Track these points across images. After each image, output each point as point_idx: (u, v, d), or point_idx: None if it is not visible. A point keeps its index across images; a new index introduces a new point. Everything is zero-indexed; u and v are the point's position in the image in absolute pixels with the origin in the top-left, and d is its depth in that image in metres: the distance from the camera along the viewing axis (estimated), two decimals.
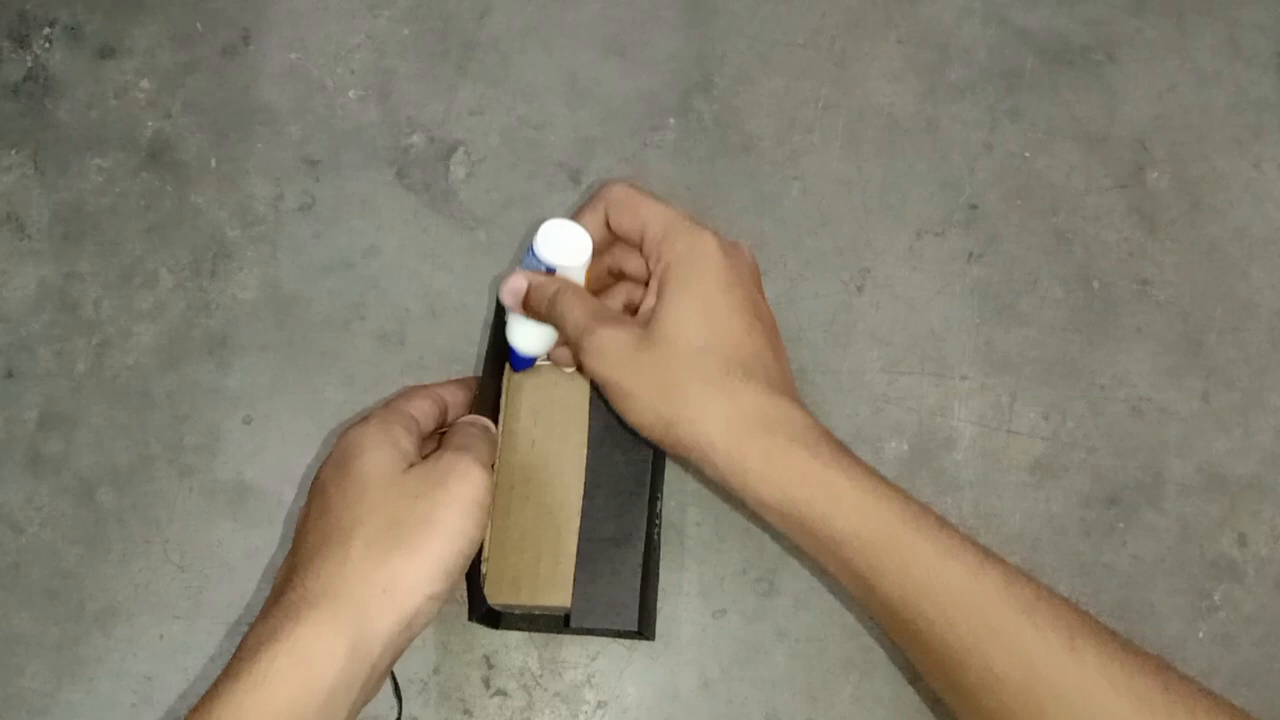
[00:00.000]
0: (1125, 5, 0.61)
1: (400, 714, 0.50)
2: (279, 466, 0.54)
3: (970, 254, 0.57)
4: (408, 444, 0.42)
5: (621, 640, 0.51)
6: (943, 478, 0.54)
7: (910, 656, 0.42)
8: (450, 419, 0.47)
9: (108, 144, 0.60)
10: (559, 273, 0.45)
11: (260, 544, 0.53)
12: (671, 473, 0.53)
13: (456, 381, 0.48)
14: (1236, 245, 0.57)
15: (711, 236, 0.44)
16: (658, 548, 0.50)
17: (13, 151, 0.60)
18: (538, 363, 0.50)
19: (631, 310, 0.47)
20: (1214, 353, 0.56)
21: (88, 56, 0.62)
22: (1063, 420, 0.55)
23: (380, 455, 0.41)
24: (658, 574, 0.51)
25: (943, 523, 0.40)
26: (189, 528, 0.54)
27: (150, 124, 0.60)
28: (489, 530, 0.47)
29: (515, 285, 0.45)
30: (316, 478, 0.42)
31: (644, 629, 0.47)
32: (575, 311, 0.43)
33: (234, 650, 0.37)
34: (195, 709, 0.36)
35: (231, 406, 0.55)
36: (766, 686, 0.51)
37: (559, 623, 0.49)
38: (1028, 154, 0.59)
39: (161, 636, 0.52)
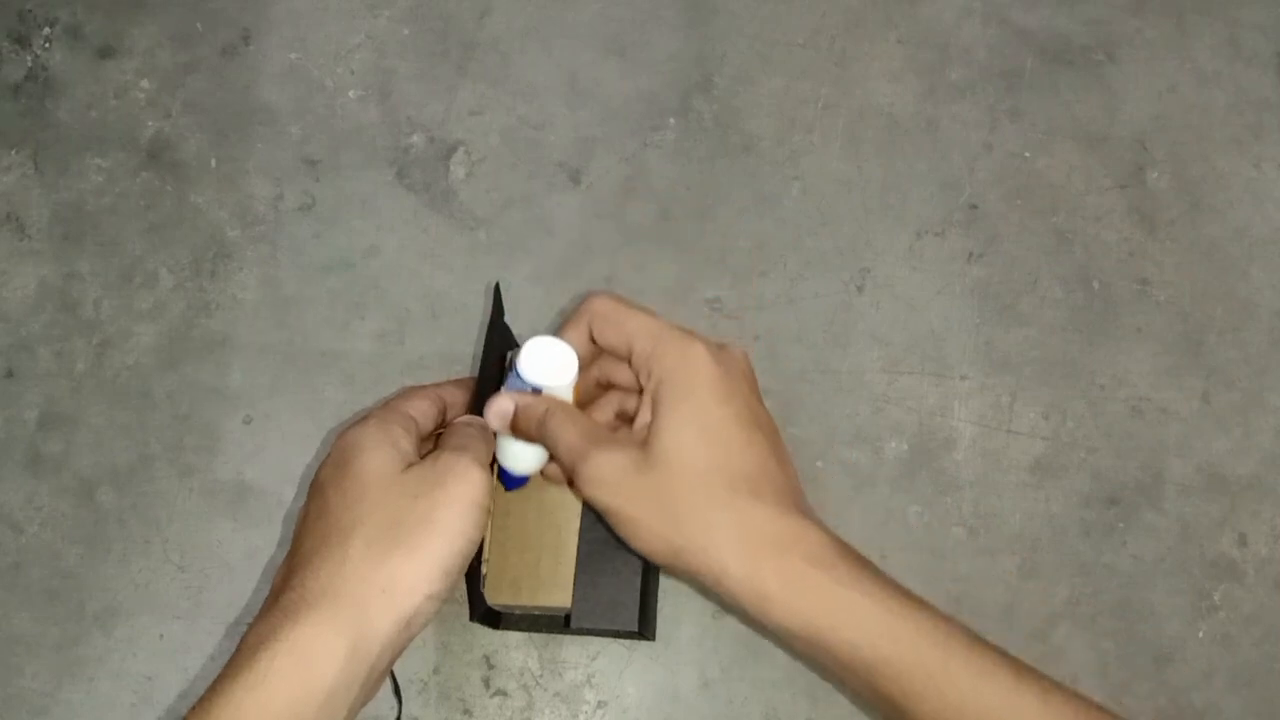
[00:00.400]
0: (1125, 5, 0.61)
1: (400, 714, 0.50)
2: (279, 466, 0.54)
3: (970, 254, 0.57)
4: (407, 444, 0.42)
5: (621, 640, 0.51)
6: (943, 478, 0.54)
7: None
8: (449, 419, 0.47)
9: (108, 144, 0.60)
10: (546, 391, 0.43)
11: (260, 544, 0.53)
12: None
13: (455, 381, 0.48)
14: (1236, 245, 0.57)
15: (701, 347, 0.42)
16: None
17: (13, 151, 0.60)
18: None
19: (625, 419, 0.46)
20: (1214, 353, 0.56)
21: (88, 56, 0.62)
22: (1063, 420, 0.55)
23: (379, 455, 0.41)
24: (658, 574, 0.51)
25: (973, 640, 0.38)
26: (189, 528, 0.54)
27: (150, 124, 0.60)
28: (489, 531, 0.47)
29: (502, 408, 0.43)
30: (315, 478, 0.42)
31: (644, 629, 0.47)
32: (568, 434, 0.42)
33: (233, 650, 0.37)
34: (195, 708, 0.36)
35: (231, 406, 0.55)
36: (766, 686, 0.51)
37: (560, 623, 0.49)
38: (1028, 154, 0.59)
39: (161, 636, 0.52)
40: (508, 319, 0.50)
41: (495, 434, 0.44)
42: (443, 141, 0.60)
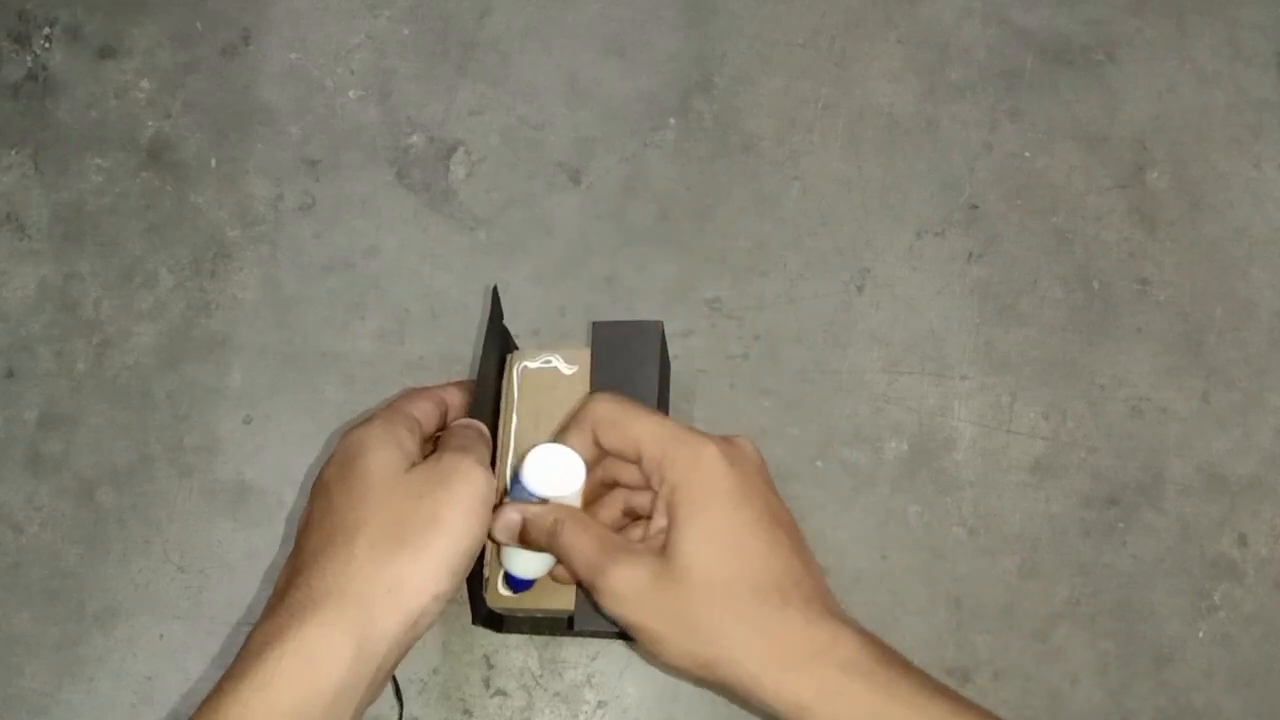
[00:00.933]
0: (1125, 5, 0.61)
1: (401, 714, 0.50)
2: (279, 466, 0.54)
3: (970, 254, 0.57)
4: (411, 444, 0.42)
5: (622, 640, 0.51)
6: (943, 478, 0.54)
7: None
8: (450, 421, 0.47)
9: (108, 144, 0.60)
10: (553, 500, 0.42)
11: (260, 544, 0.53)
12: None
13: (456, 383, 0.48)
14: (1236, 245, 0.57)
15: (714, 449, 0.41)
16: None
17: (13, 151, 0.60)
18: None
19: (632, 516, 0.45)
20: (1214, 353, 0.56)
21: (88, 56, 0.62)
22: (1063, 420, 0.55)
23: (384, 455, 0.41)
24: None
25: None
26: (189, 528, 0.54)
27: (150, 124, 0.60)
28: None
29: (509, 520, 0.42)
30: (319, 477, 0.42)
31: None
32: (582, 546, 0.41)
33: (235, 650, 0.37)
34: (200, 709, 0.36)
35: (231, 406, 0.55)
36: None
37: (562, 625, 0.49)
38: (1028, 154, 0.59)
39: (161, 636, 0.52)
40: (505, 322, 0.50)
41: (501, 544, 0.44)
42: (443, 141, 0.60)
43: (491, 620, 0.48)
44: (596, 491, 0.45)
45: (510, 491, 0.44)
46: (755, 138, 0.59)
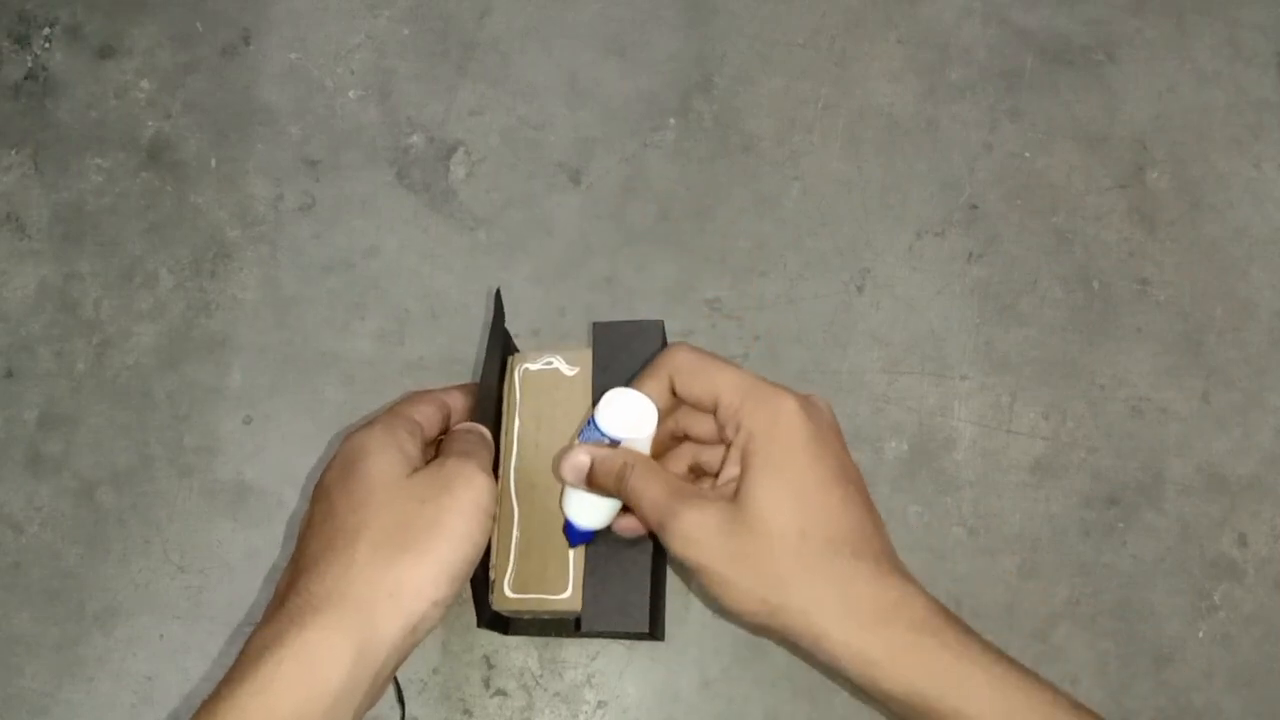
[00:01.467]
0: (1125, 5, 0.61)
1: (403, 716, 0.50)
2: (279, 466, 0.54)
3: (970, 254, 0.57)
4: (412, 448, 0.42)
5: (622, 640, 0.51)
6: (943, 478, 0.54)
7: None
8: (452, 424, 0.47)
9: (108, 144, 0.60)
10: (623, 444, 0.42)
11: (260, 544, 0.53)
12: None
13: (459, 387, 0.48)
14: (1236, 245, 0.57)
15: (793, 402, 0.41)
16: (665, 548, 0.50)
17: (13, 151, 0.60)
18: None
19: (698, 473, 0.45)
20: (1214, 353, 0.56)
21: (88, 56, 0.62)
22: (1063, 420, 0.55)
23: (385, 459, 0.41)
24: (665, 574, 0.51)
25: (1077, 708, 0.38)
26: (189, 528, 0.54)
27: (150, 124, 0.60)
28: (495, 536, 0.47)
29: (578, 461, 0.42)
30: (320, 481, 0.42)
31: (655, 630, 0.47)
32: (652, 490, 0.41)
33: (235, 652, 0.37)
34: (199, 712, 0.36)
35: (231, 406, 0.55)
36: (766, 686, 0.51)
37: (569, 626, 0.49)
38: (1028, 154, 0.59)
39: (161, 637, 0.52)
40: (505, 323, 0.50)
41: (563, 486, 0.44)
42: (443, 141, 0.60)
43: (497, 623, 0.48)
44: (665, 444, 0.45)
45: (581, 434, 0.43)
46: (755, 138, 0.59)
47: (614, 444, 0.42)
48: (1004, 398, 0.55)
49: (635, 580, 0.46)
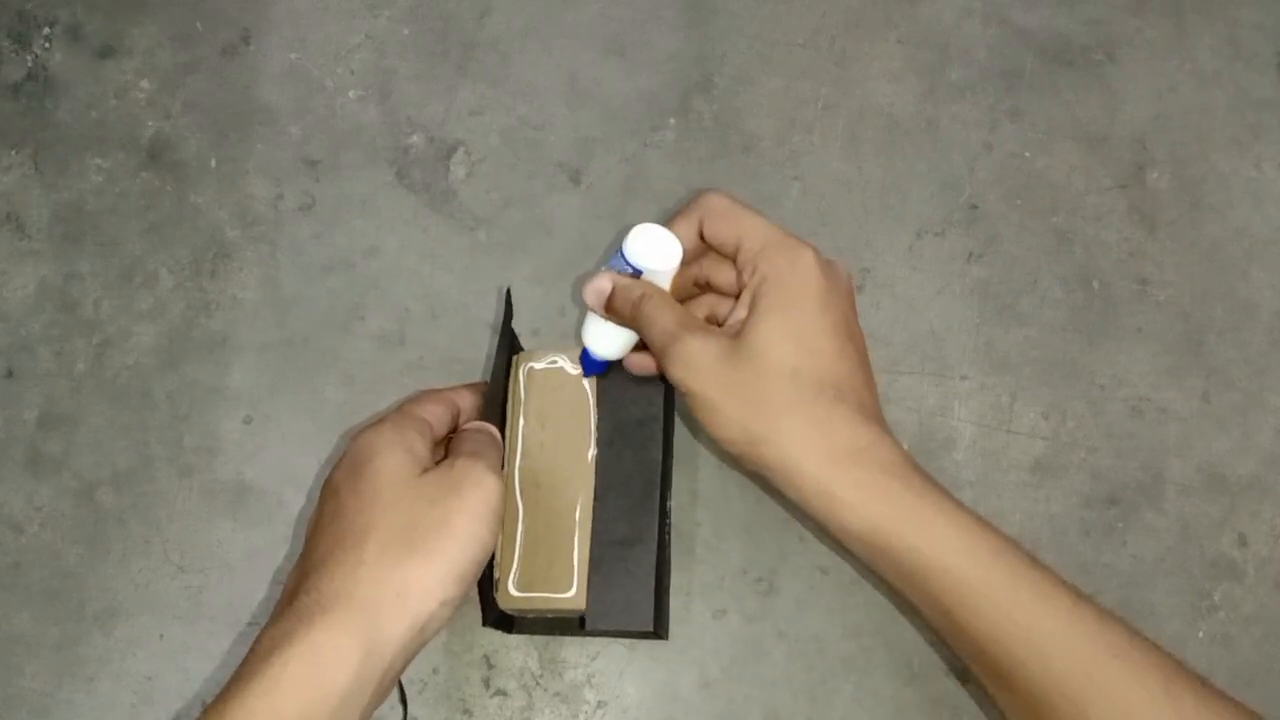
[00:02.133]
0: (1125, 5, 0.61)
1: (405, 717, 0.50)
2: (279, 466, 0.54)
3: (970, 254, 0.57)
4: (421, 448, 0.42)
5: (622, 640, 0.51)
6: (943, 478, 0.53)
7: (995, 696, 0.41)
8: (461, 423, 0.47)
9: (108, 144, 0.60)
10: (645, 276, 0.44)
11: (260, 544, 0.53)
12: (674, 472, 0.52)
13: (467, 386, 0.48)
14: (1236, 245, 0.57)
15: (811, 254, 0.43)
16: (669, 546, 0.50)
17: (13, 151, 0.60)
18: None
19: (715, 323, 0.47)
20: (1214, 353, 0.56)
21: (88, 56, 0.62)
22: (1063, 420, 0.55)
23: (394, 458, 0.41)
24: (669, 573, 0.51)
25: (1034, 562, 0.39)
26: (189, 528, 0.54)
27: (150, 124, 0.60)
28: (500, 535, 0.47)
29: (600, 285, 0.44)
30: (329, 480, 0.42)
31: (659, 629, 0.47)
32: (663, 317, 0.42)
33: (237, 652, 0.37)
34: (206, 712, 0.36)
35: (231, 406, 0.55)
36: (766, 686, 0.51)
37: (574, 625, 0.49)
38: (1028, 154, 0.59)
39: (161, 636, 0.52)
40: (515, 325, 0.50)
41: (586, 312, 0.45)
42: (443, 141, 0.60)
43: (502, 622, 0.48)
44: (687, 290, 0.47)
45: (608, 262, 0.45)
46: (755, 138, 0.59)
47: (636, 274, 0.44)
48: (1004, 398, 0.55)
49: (639, 579, 0.46)
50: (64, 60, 0.62)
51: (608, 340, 0.46)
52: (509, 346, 0.49)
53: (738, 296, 0.44)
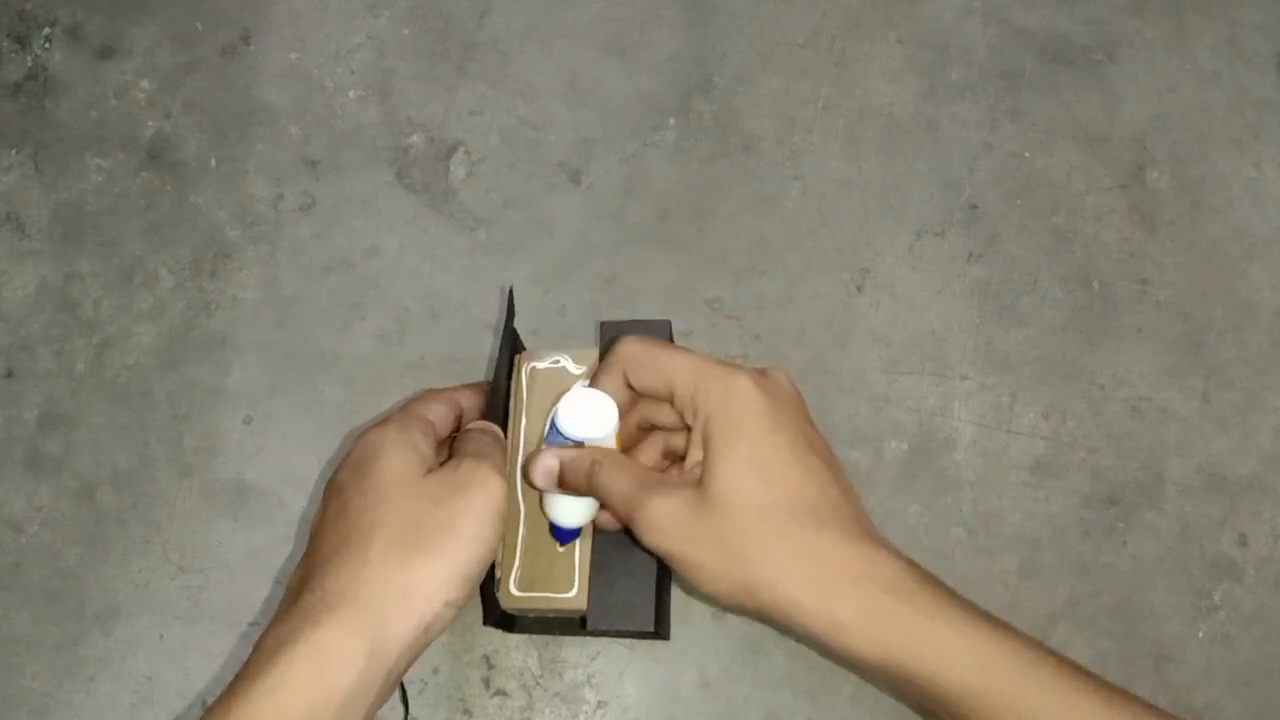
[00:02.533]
0: (1125, 5, 0.61)
1: (406, 717, 0.50)
2: (279, 466, 0.54)
3: (970, 254, 0.57)
4: (425, 448, 0.42)
5: (622, 640, 0.51)
6: (943, 478, 0.54)
7: None
8: (465, 423, 0.47)
9: (108, 144, 0.60)
10: (588, 444, 0.43)
11: (260, 544, 0.53)
12: None
13: (471, 386, 0.48)
14: (1236, 245, 0.57)
15: (745, 378, 0.41)
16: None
17: (13, 151, 0.60)
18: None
19: (672, 458, 0.45)
20: (1214, 353, 0.56)
21: (88, 56, 0.62)
22: (1063, 420, 0.55)
23: (400, 458, 0.40)
24: (670, 571, 0.51)
25: (1061, 666, 0.37)
26: (189, 528, 0.54)
27: (150, 124, 0.60)
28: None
29: (547, 465, 0.43)
30: (333, 479, 0.42)
31: (660, 629, 0.47)
32: (619, 484, 0.41)
33: (237, 652, 0.37)
34: (210, 710, 0.36)
35: (231, 406, 0.55)
36: (766, 686, 0.51)
37: (574, 625, 0.49)
38: (1028, 154, 0.59)
39: (161, 636, 0.52)
40: (515, 325, 0.50)
41: (543, 493, 0.44)
42: (443, 141, 0.60)
43: (503, 621, 0.48)
44: (635, 436, 0.45)
45: (546, 437, 0.44)
46: (755, 138, 0.59)
47: (579, 445, 0.43)
48: (1004, 398, 0.55)
49: (641, 579, 0.46)
50: (64, 60, 0.62)
51: (572, 511, 0.44)
52: (511, 346, 0.49)
53: (687, 429, 0.43)
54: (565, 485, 0.43)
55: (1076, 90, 0.60)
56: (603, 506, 0.44)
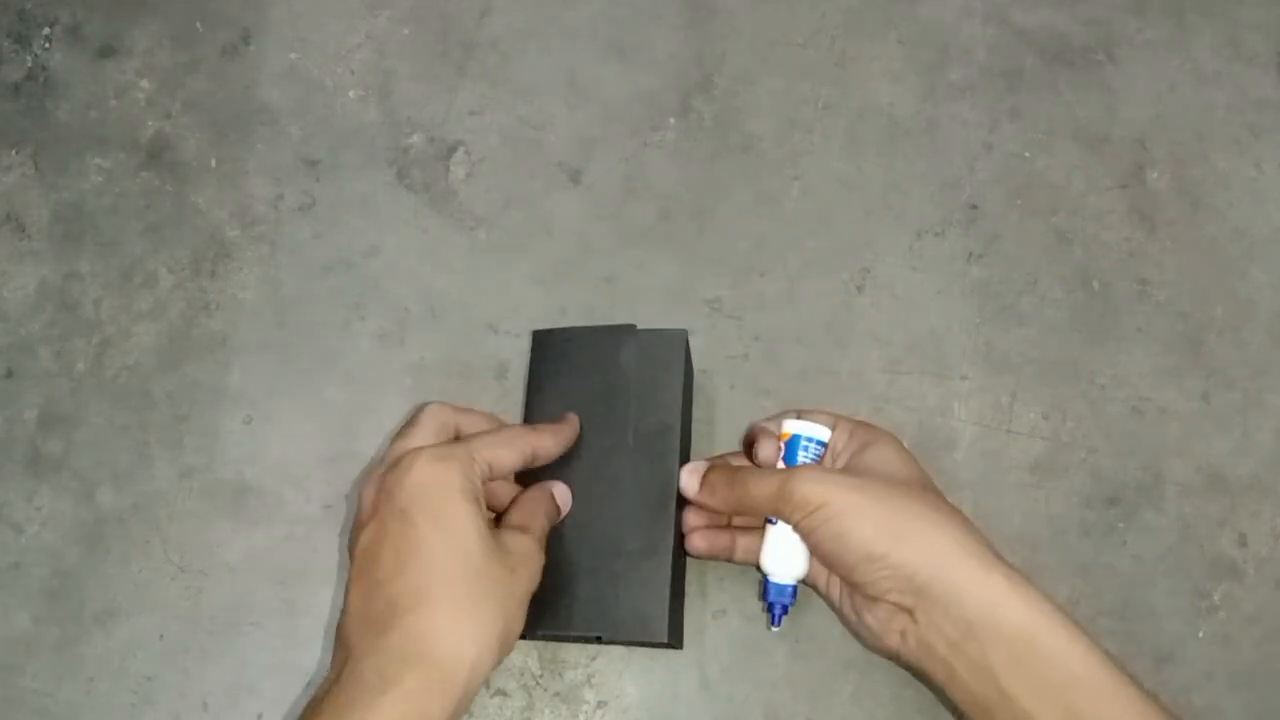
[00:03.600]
0: (1125, 5, 0.61)
1: None
2: (279, 466, 0.54)
3: (970, 254, 0.57)
4: (482, 496, 0.43)
5: (640, 648, 0.51)
6: (943, 478, 0.54)
7: None
8: (537, 463, 0.47)
9: (108, 144, 0.60)
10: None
11: (260, 544, 0.53)
12: None
13: (553, 430, 0.48)
14: (1236, 245, 0.57)
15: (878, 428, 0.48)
16: (683, 556, 0.50)
17: (13, 151, 0.60)
18: None
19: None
20: (1214, 353, 0.56)
21: (88, 56, 0.62)
22: (1063, 420, 0.55)
23: (469, 509, 0.41)
24: (683, 582, 0.50)
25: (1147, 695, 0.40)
26: (189, 528, 0.54)
27: (150, 124, 0.60)
28: None
29: (693, 467, 0.47)
30: (393, 495, 0.41)
31: (673, 640, 0.47)
32: (766, 478, 0.45)
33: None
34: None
35: (231, 406, 0.55)
36: (766, 686, 0.51)
37: (590, 636, 0.48)
38: (1028, 154, 0.59)
39: (161, 637, 0.52)
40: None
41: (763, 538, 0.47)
42: (443, 141, 0.60)
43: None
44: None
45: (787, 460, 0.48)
46: (755, 138, 0.59)
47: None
48: (1004, 398, 0.55)
49: (655, 590, 0.46)
50: (64, 60, 0.62)
51: (786, 561, 0.46)
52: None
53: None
54: (709, 481, 0.46)
55: (1076, 90, 0.60)
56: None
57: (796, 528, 0.44)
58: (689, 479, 0.47)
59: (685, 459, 0.50)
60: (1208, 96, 0.60)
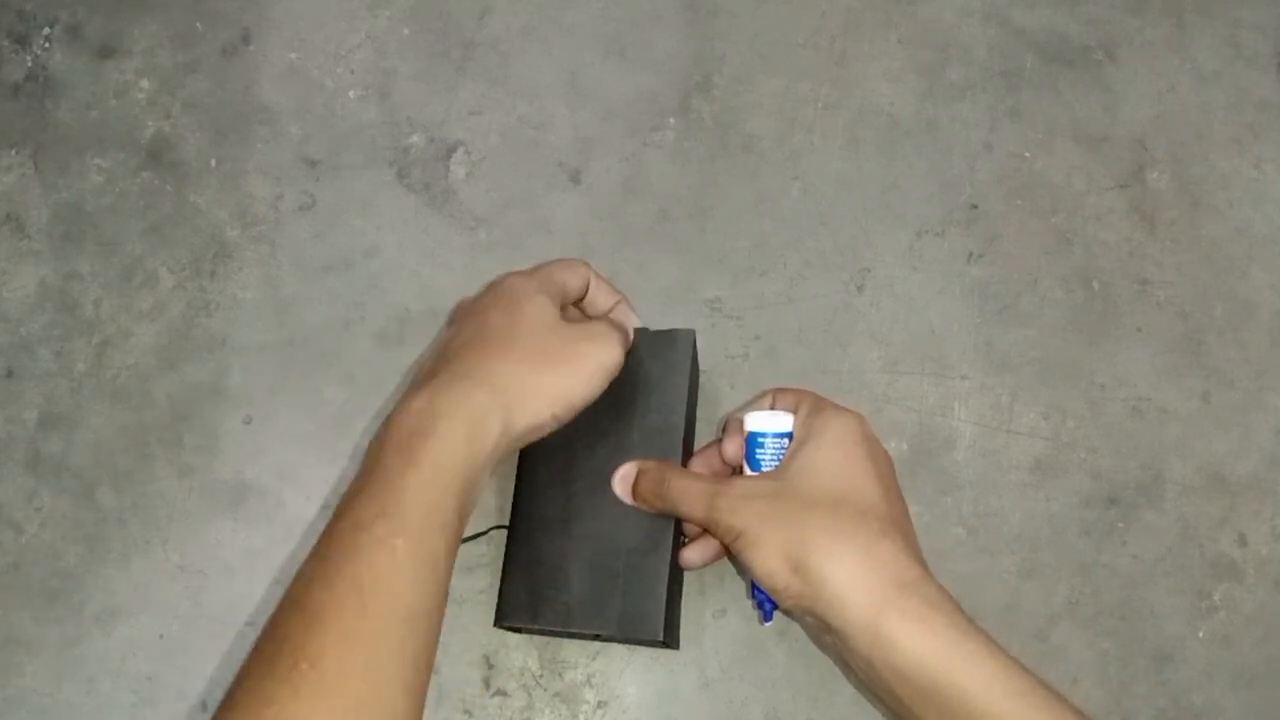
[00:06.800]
0: (1125, 5, 0.61)
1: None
2: (279, 466, 0.54)
3: (970, 254, 0.57)
4: (558, 304, 0.46)
5: (636, 647, 0.51)
6: (943, 478, 0.54)
7: None
8: (588, 300, 0.50)
9: (108, 144, 0.60)
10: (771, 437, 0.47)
11: (260, 544, 0.53)
12: None
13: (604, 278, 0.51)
14: (1236, 245, 0.57)
15: (838, 408, 0.46)
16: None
17: (13, 151, 0.60)
18: None
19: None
20: (1214, 353, 0.56)
21: (88, 56, 0.62)
22: (1063, 420, 0.55)
23: (544, 301, 0.45)
24: (681, 582, 0.51)
25: (1078, 714, 0.39)
26: (189, 528, 0.54)
27: (150, 124, 0.60)
28: (508, 551, 0.48)
29: (624, 472, 0.48)
30: (471, 306, 0.47)
31: (669, 639, 0.47)
32: (694, 484, 0.45)
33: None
34: (389, 453, 0.40)
35: (231, 406, 0.55)
36: (766, 686, 0.51)
37: (586, 633, 0.49)
38: (1028, 154, 0.59)
39: (161, 637, 0.52)
40: None
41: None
42: (443, 141, 0.60)
43: (514, 625, 0.49)
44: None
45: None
46: (755, 138, 0.59)
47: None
48: (1004, 398, 0.55)
49: (652, 589, 0.46)
50: (64, 60, 0.62)
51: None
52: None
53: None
54: (638, 493, 0.47)
55: (1076, 90, 0.60)
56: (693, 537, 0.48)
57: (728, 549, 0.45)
58: (619, 486, 0.48)
59: (688, 458, 0.50)
60: (1207, 96, 0.60)
